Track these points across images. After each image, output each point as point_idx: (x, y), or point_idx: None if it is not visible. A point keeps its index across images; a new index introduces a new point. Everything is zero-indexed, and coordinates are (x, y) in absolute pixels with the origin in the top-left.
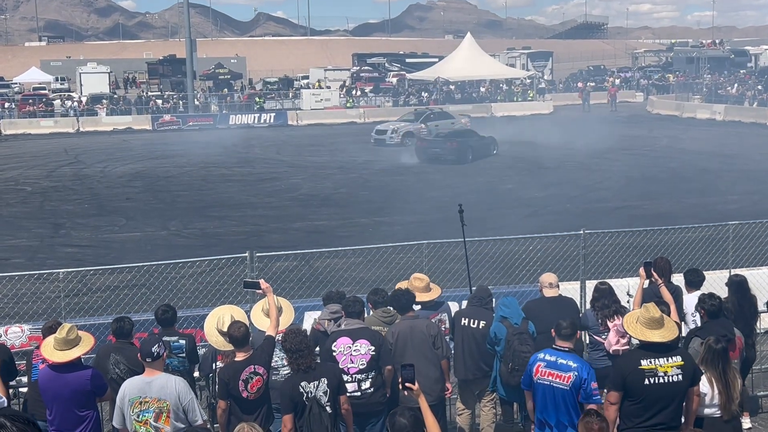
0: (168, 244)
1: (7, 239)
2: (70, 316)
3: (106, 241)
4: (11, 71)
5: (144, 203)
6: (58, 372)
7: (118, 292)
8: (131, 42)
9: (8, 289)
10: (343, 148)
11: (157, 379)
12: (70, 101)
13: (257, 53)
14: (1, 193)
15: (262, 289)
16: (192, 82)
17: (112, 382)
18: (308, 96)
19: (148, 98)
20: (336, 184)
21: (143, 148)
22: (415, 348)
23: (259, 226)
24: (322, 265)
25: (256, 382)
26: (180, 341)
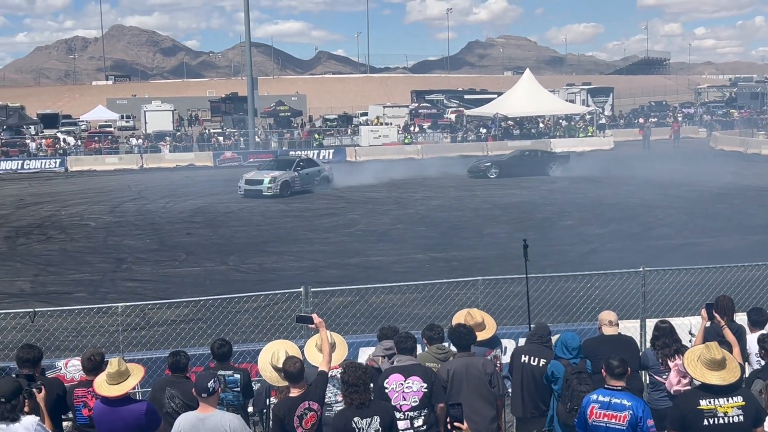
0: (226, 279)
1: (70, 273)
2: (128, 350)
3: (166, 275)
4: (79, 109)
5: (204, 238)
6: (112, 406)
7: (176, 326)
8: (195, 80)
9: (68, 323)
10: (401, 184)
11: (211, 416)
12: (134, 138)
13: (317, 91)
14: (66, 228)
15: (315, 323)
16: (253, 119)
17: (167, 416)
18: (367, 132)
19: (210, 135)
20: (393, 220)
21: (205, 184)
22: (470, 386)
23: (317, 262)
24: (378, 301)
25: (311, 418)
26: (235, 376)
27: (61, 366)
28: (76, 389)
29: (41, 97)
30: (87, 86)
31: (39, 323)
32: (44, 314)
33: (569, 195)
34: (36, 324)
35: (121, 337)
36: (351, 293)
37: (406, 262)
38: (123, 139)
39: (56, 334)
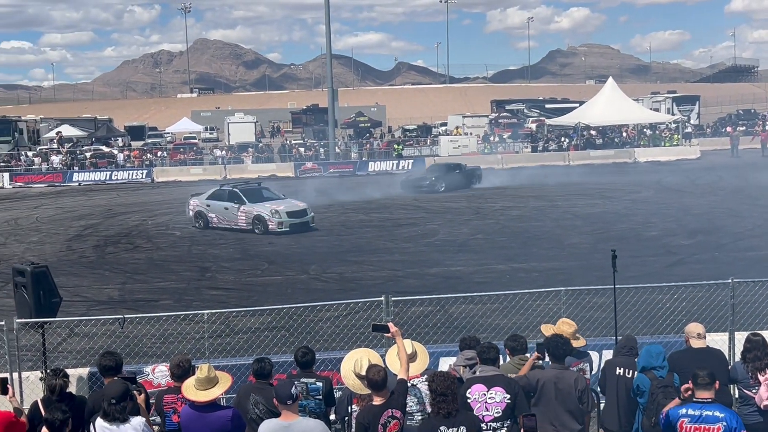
0: (307, 288)
1: (157, 282)
2: (213, 356)
3: (249, 284)
4: (164, 122)
5: (285, 248)
6: (200, 411)
7: (259, 334)
8: (276, 93)
9: (156, 329)
10: (480, 195)
11: (295, 423)
12: (218, 150)
13: (397, 101)
14: (153, 237)
15: (390, 332)
16: (333, 130)
17: (252, 422)
18: (446, 142)
19: (291, 146)
20: (473, 230)
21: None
22: (559, 400)
23: (396, 272)
24: (458, 311)
25: (394, 426)
26: (317, 383)
27: (148, 372)
28: (166, 395)
29: (128, 110)
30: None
31: (127, 330)
32: (132, 321)
33: (654, 205)
34: (125, 330)
35: (206, 344)
36: (431, 303)
37: (486, 272)
38: (207, 150)
39: (144, 340)
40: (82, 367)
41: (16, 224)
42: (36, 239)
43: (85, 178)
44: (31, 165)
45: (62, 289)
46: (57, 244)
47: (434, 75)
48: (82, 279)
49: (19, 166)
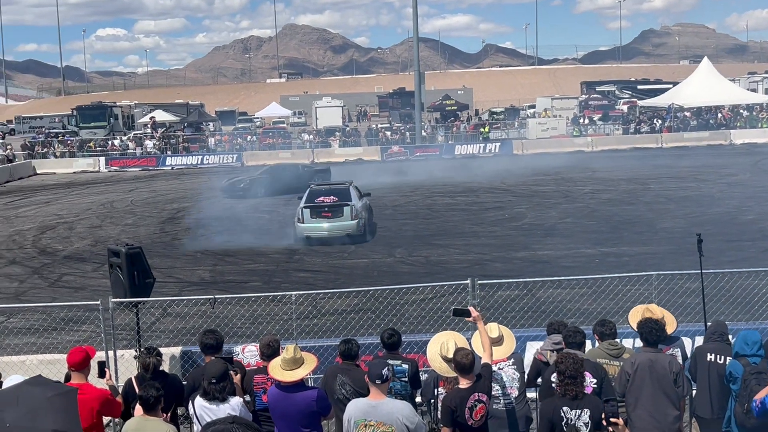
0: (393, 271)
1: (246, 264)
2: (301, 337)
3: (336, 266)
4: (254, 107)
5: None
6: (285, 392)
7: (346, 316)
8: (363, 77)
9: (245, 310)
10: (569, 178)
11: (383, 403)
12: (306, 134)
13: (484, 84)
14: (243, 220)
15: (472, 317)
16: (420, 113)
17: (338, 403)
18: (534, 125)
19: (377, 130)
20: (561, 214)
21: (372, 178)
22: (654, 383)
23: (482, 255)
24: (545, 295)
25: (480, 409)
26: (403, 366)
27: (238, 351)
28: (256, 375)
29: (219, 95)
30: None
31: (218, 310)
32: (223, 301)
33: (750, 188)
34: (216, 311)
35: (294, 325)
36: (518, 287)
37: (575, 256)
38: (295, 134)
39: (234, 320)
40: (175, 346)
41: (112, 207)
42: (130, 221)
43: (178, 162)
44: (126, 149)
45: (155, 270)
46: (150, 226)
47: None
48: (174, 260)
49: (115, 150)
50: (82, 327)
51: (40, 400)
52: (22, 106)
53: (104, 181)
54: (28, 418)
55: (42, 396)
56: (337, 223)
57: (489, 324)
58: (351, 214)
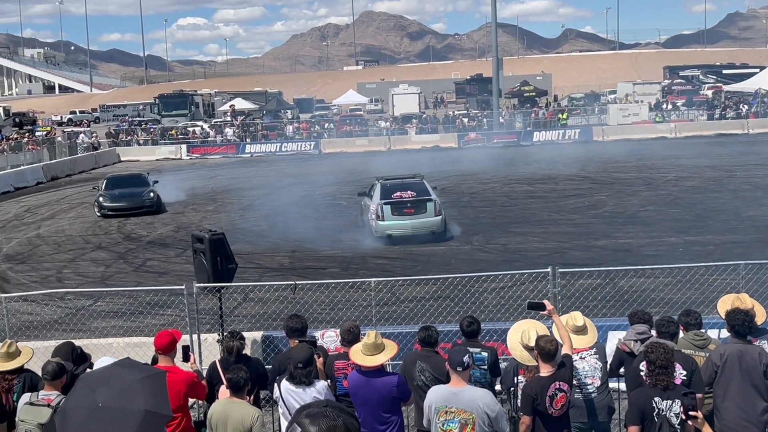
0: (470, 259)
1: (325, 250)
2: (379, 324)
3: (414, 254)
4: (331, 94)
5: (449, 219)
6: (367, 377)
7: (424, 303)
8: (440, 63)
9: (325, 296)
10: (651, 164)
11: (463, 390)
12: (382, 121)
13: (563, 69)
14: (321, 207)
15: (547, 310)
16: (497, 100)
17: (417, 389)
18: (615, 111)
19: (454, 117)
20: (643, 201)
21: (449, 165)
22: (743, 375)
23: (562, 243)
24: (627, 284)
25: (561, 398)
26: (483, 353)
27: (317, 337)
28: (336, 361)
29: (297, 83)
30: (338, 72)
31: (298, 296)
32: (303, 287)
33: None
34: (296, 296)
35: (373, 311)
36: (599, 275)
37: (658, 245)
38: (372, 121)
39: (314, 306)
40: (256, 330)
41: (193, 194)
42: (211, 208)
43: (257, 149)
44: (207, 137)
45: (236, 256)
46: (231, 212)
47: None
48: (254, 246)
49: (196, 138)
50: (167, 311)
51: (131, 381)
52: (107, 95)
53: (186, 168)
54: (120, 398)
55: (133, 377)
56: (421, 220)
57: (573, 312)
58: (434, 209)
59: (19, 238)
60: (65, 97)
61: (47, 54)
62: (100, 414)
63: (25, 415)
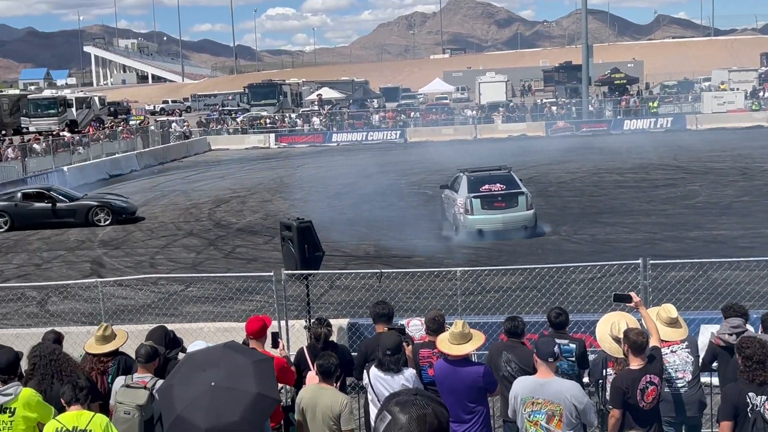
0: (558, 249)
1: (410, 239)
2: (465, 313)
3: (499, 243)
4: (417, 83)
5: (536, 208)
6: (453, 366)
7: (510, 293)
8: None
9: (411, 285)
10: (747, 154)
11: (551, 381)
12: (468, 110)
13: (655, 56)
14: (406, 196)
15: (633, 302)
16: (587, 87)
17: (503, 380)
18: (709, 99)
19: (542, 105)
20: (738, 192)
21: (537, 154)
22: None
23: (652, 234)
24: (721, 277)
25: (651, 391)
26: (570, 345)
27: (403, 325)
28: (422, 349)
29: (383, 72)
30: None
31: (384, 284)
32: (388, 276)
33: None
34: (382, 284)
35: (459, 301)
36: (692, 267)
37: (753, 236)
38: (458, 110)
39: (399, 294)
40: (342, 318)
41: (281, 182)
42: (299, 196)
43: (343, 138)
44: (294, 126)
45: (323, 244)
46: (318, 201)
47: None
48: (340, 235)
49: (284, 127)
50: (255, 297)
51: (243, 364)
52: (197, 85)
53: (274, 156)
54: (232, 379)
55: (245, 360)
56: (512, 215)
57: (665, 305)
58: (526, 203)
59: (113, 224)
60: (158, 87)
61: (141, 44)
62: (213, 393)
63: (123, 397)
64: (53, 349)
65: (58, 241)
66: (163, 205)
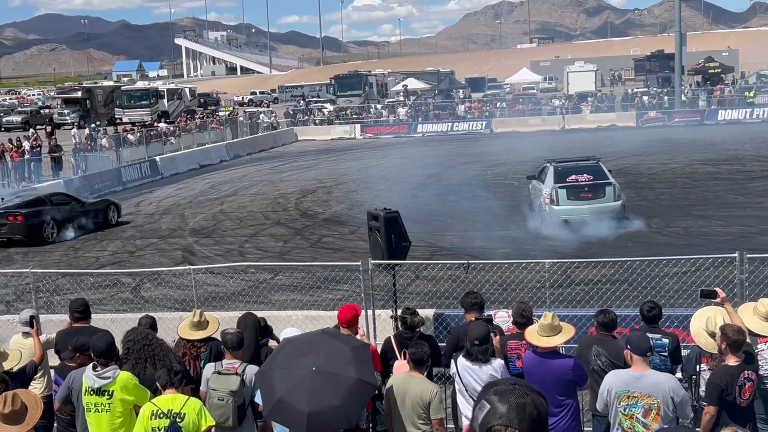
0: (649, 242)
1: (496, 230)
2: (553, 306)
3: (588, 235)
4: (504, 73)
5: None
6: (542, 358)
7: (600, 286)
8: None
9: (497, 276)
10: None
11: (647, 375)
12: (556, 100)
13: (752, 45)
14: (492, 186)
15: (719, 298)
16: (680, 77)
17: (593, 374)
18: None
19: (633, 95)
20: None
21: (626, 144)
22: None
23: (748, 228)
24: None
25: (749, 388)
26: (663, 340)
27: (489, 316)
28: (510, 341)
29: (469, 62)
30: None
31: (471, 275)
32: (475, 267)
33: None
34: (468, 275)
35: (547, 293)
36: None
37: None
38: (545, 100)
39: (486, 286)
40: (428, 308)
41: (367, 173)
42: (384, 187)
43: (428, 129)
44: (380, 116)
45: (408, 234)
46: (403, 191)
47: None
48: (425, 225)
49: (369, 117)
50: (342, 286)
51: (343, 350)
52: (285, 76)
53: (360, 147)
54: (333, 364)
55: (343, 347)
56: (600, 205)
57: (763, 299)
58: (614, 194)
59: (204, 213)
60: (246, 78)
61: (230, 36)
62: (314, 377)
63: (216, 384)
64: (146, 334)
65: (151, 229)
66: (251, 195)
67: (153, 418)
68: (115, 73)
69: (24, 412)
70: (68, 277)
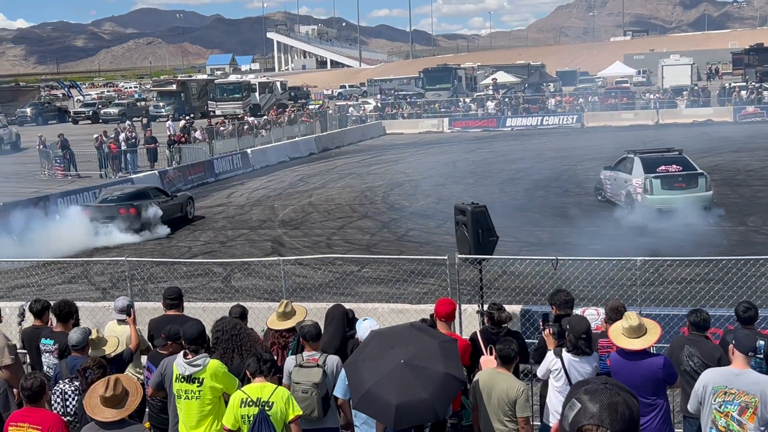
0: (745, 240)
1: (585, 226)
2: (645, 305)
3: (679, 232)
4: (596, 66)
5: (722, 197)
6: (629, 359)
7: (694, 285)
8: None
9: (587, 273)
10: None
11: (747, 373)
12: (650, 94)
13: None
14: (582, 182)
15: None
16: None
17: (684, 374)
18: None
19: (731, 89)
20: None
21: (722, 140)
22: None
23: None
24: None
25: None
26: (760, 341)
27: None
28: (601, 339)
29: (560, 55)
30: (605, 43)
31: (559, 271)
32: (564, 263)
33: None
34: (557, 272)
35: (638, 291)
36: None
37: None
38: (638, 94)
39: (576, 282)
40: (516, 304)
41: (454, 167)
42: (471, 181)
43: (517, 123)
44: (468, 110)
45: (496, 229)
46: (490, 186)
47: None
48: (513, 220)
49: (458, 111)
50: (428, 280)
51: (430, 344)
52: (374, 70)
53: (448, 141)
54: (421, 357)
55: (431, 341)
56: (693, 195)
57: None
58: (706, 184)
59: (293, 205)
60: (336, 72)
61: (320, 30)
62: (403, 369)
63: (299, 377)
64: (234, 324)
65: (242, 220)
66: (339, 188)
67: (243, 405)
68: (208, 67)
69: (125, 397)
70: (162, 266)
